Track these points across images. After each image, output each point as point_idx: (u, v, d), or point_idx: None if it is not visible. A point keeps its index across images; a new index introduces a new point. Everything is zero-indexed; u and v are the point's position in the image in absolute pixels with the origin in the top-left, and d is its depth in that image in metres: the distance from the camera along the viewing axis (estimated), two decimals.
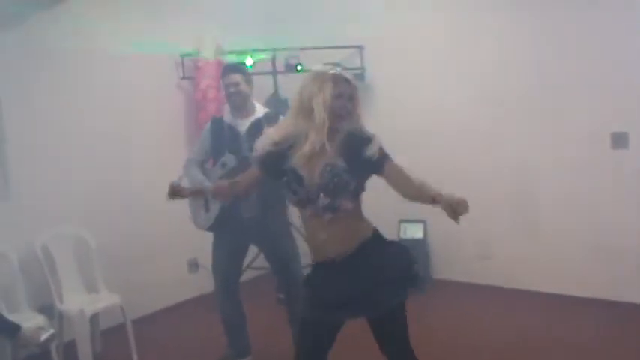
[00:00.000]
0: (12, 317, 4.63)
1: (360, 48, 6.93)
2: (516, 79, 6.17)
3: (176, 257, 6.58)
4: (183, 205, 4.64)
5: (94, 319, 5.25)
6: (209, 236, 4.93)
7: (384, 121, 6.65)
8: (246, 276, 6.80)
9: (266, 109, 4.88)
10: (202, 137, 4.98)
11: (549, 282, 6.16)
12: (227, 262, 4.89)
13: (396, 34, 6.74)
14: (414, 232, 6.70)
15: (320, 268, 3.22)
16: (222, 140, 4.78)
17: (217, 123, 4.90)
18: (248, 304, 5.08)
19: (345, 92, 3.12)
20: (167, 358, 5.38)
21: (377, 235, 3.24)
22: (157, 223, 6.17)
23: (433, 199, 3.05)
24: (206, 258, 5.08)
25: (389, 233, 3.15)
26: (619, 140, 5.70)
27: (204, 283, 6.47)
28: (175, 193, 3.55)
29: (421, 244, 6.69)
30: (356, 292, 3.05)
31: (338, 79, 3.13)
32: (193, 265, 6.74)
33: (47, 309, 5.14)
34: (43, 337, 4.65)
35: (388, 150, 3.12)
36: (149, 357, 5.32)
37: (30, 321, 4.68)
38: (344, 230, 3.12)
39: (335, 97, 3.09)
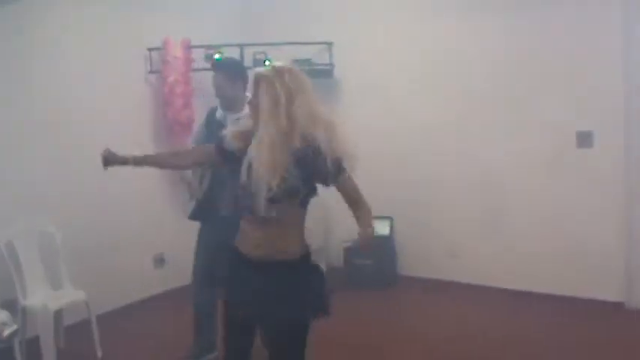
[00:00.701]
0: None
1: (329, 44, 6.93)
2: (483, 79, 6.24)
3: (142, 253, 6.52)
4: (150, 201, 4.66)
5: (58, 314, 5.20)
6: (176, 232, 4.93)
7: (351, 118, 6.70)
8: None
9: None
10: (198, 129, 5.04)
11: (514, 279, 6.23)
12: (204, 256, 4.88)
13: (365, 31, 6.79)
14: (381, 228, 6.71)
15: (248, 266, 3.13)
16: (213, 133, 4.69)
17: (211, 115, 4.90)
18: None
19: (252, 86, 3.11)
20: (132, 354, 5.33)
21: (305, 259, 3.19)
22: (123, 218, 6.13)
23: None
24: (173, 254, 5.06)
25: (355, 230, 3.13)
26: (584, 139, 5.77)
27: (170, 278, 6.46)
28: (108, 160, 3.49)
29: (388, 240, 6.72)
30: (260, 299, 3.04)
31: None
32: (159, 261, 6.69)
33: (10, 304, 5.06)
34: (6, 332, 4.62)
35: (355, 147, 3.07)
36: (113, 353, 5.28)
37: None
38: (271, 240, 3.07)
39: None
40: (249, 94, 4.58)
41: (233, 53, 6.62)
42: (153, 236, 6.33)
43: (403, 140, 6.55)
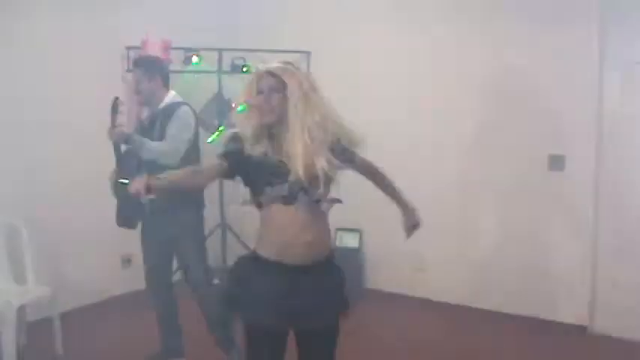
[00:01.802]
0: None
1: (307, 53, 6.93)
2: (458, 96, 6.27)
3: (110, 252, 6.47)
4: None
5: (21, 310, 5.14)
6: None
7: None
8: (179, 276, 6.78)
9: (173, 100, 4.79)
10: None
11: (478, 298, 6.27)
12: (150, 256, 4.89)
13: (344, 42, 6.78)
14: (350, 240, 6.74)
15: (281, 271, 3.04)
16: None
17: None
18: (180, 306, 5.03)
19: (267, 85, 3.08)
20: (93, 353, 5.30)
21: (332, 258, 3.23)
22: (91, 216, 6.08)
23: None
24: (140, 255, 5.02)
25: None
26: (556, 162, 5.83)
27: (137, 279, 6.41)
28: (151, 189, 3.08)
29: (356, 253, 6.73)
30: (299, 302, 3.00)
31: (260, 76, 3.13)
32: (126, 261, 6.65)
33: None
34: None
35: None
36: (75, 351, 5.25)
37: None
38: (316, 235, 3.07)
39: (258, 93, 3.07)
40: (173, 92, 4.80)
41: (211, 57, 6.62)
42: (121, 236, 6.28)
43: (378, 154, 6.52)
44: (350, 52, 6.75)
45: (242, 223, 6.69)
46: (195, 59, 6.59)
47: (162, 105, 4.72)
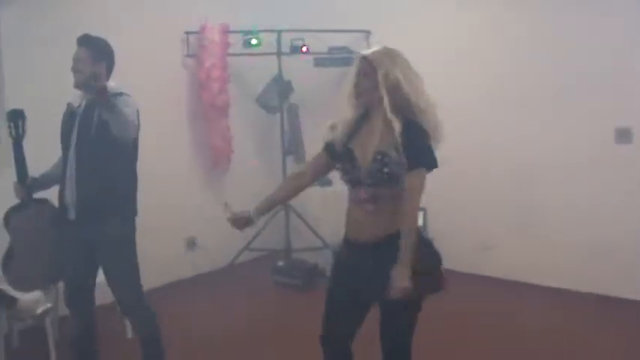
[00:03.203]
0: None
1: (366, 33, 6.87)
2: (519, 71, 6.14)
3: (173, 235, 6.52)
4: (184, 183, 4.64)
5: None
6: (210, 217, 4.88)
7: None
8: (243, 258, 6.82)
9: (114, 90, 3.88)
10: None
11: (545, 275, 6.15)
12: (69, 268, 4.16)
13: (404, 20, 6.67)
14: None
15: (349, 247, 3.21)
16: (65, 123, 4.06)
17: (66, 110, 4.11)
18: (243, 288, 5.04)
19: (360, 70, 3.11)
20: (163, 335, 5.37)
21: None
22: (152, 200, 6.13)
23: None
24: (204, 239, 5.02)
25: None
26: (623, 135, 5.68)
27: (202, 261, 6.49)
28: (238, 223, 3.33)
29: (421, 231, 6.66)
30: (376, 278, 3.01)
31: (358, 59, 3.15)
32: (191, 244, 6.70)
33: None
34: (39, 310, 4.66)
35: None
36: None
37: (26, 294, 4.67)
38: (380, 220, 3.08)
39: (354, 75, 3.11)
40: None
41: (270, 39, 6.61)
42: (185, 219, 6.35)
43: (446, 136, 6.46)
44: (411, 30, 6.64)
45: (305, 205, 6.68)
46: (254, 41, 6.58)
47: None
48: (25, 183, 4.10)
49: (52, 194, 4.10)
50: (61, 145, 4.04)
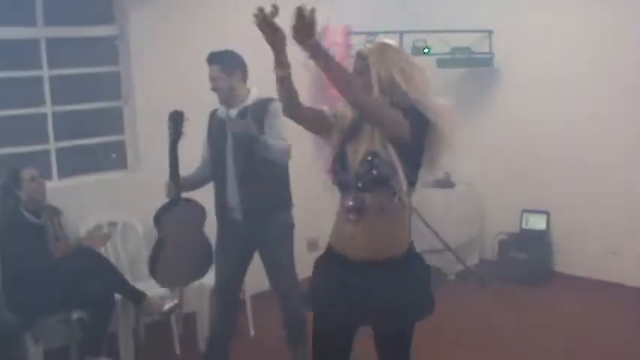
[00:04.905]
0: (137, 286, 4.82)
1: (489, 32, 6.78)
2: None
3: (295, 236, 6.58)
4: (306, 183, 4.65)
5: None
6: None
7: (511, 108, 6.55)
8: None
9: (259, 96, 4.34)
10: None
11: None
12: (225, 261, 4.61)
13: (527, 19, 6.55)
14: (537, 222, 6.53)
15: (340, 263, 3.03)
16: (215, 136, 4.49)
17: (211, 117, 4.55)
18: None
19: (355, 68, 3.05)
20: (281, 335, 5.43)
21: (412, 254, 3.09)
22: None
23: None
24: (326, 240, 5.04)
25: (510, 223, 3.08)
26: None
27: None
28: None
29: (543, 235, 6.54)
30: (371, 302, 2.91)
31: (357, 55, 3.08)
32: (313, 245, 6.74)
33: None
34: (166, 306, 4.82)
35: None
36: (266, 332, 5.42)
37: (153, 290, 4.85)
38: (371, 235, 2.93)
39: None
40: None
41: (393, 40, 6.58)
42: (306, 220, 6.40)
43: (565, 132, 6.32)
44: (535, 29, 6.51)
45: (427, 207, 6.61)
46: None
47: (250, 100, 4.35)
48: (178, 182, 4.36)
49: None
50: (211, 150, 4.45)
